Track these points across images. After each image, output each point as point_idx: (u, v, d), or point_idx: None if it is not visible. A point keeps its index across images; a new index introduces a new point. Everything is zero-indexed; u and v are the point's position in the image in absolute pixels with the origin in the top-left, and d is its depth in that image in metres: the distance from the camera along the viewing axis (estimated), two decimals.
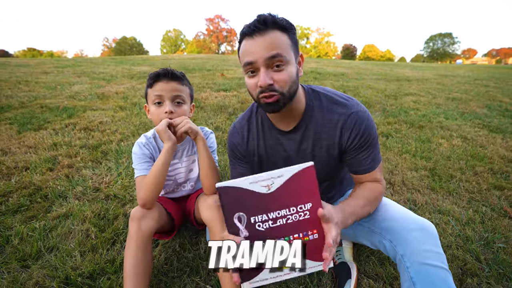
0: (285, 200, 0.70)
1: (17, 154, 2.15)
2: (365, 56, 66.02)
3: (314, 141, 0.95)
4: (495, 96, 5.24)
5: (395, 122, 3.27)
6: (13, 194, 1.63)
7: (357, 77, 7.09)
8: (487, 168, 2.10)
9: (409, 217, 0.88)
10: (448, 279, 0.76)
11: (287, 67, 0.81)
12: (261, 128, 1.02)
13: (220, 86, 4.93)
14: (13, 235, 1.30)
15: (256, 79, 0.82)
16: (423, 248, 0.79)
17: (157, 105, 1.07)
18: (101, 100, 3.89)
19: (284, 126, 0.97)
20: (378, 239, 0.91)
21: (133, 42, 66.86)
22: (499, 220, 1.50)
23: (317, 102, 0.95)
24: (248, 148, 1.05)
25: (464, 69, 13.04)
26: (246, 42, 0.82)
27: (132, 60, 10.73)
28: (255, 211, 0.70)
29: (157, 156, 1.16)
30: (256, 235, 0.70)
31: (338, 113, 0.91)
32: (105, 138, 2.50)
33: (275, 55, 0.78)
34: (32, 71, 6.41)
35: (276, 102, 0.82)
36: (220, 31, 69.32)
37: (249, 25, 0.81)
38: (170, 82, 1.06)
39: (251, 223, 0.70)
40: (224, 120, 3.12)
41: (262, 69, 0.80)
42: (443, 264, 0.78)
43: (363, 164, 0.93)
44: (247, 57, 0.81)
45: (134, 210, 1.02)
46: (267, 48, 0.78)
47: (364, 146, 0.91)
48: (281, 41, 0.80)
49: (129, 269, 0.93)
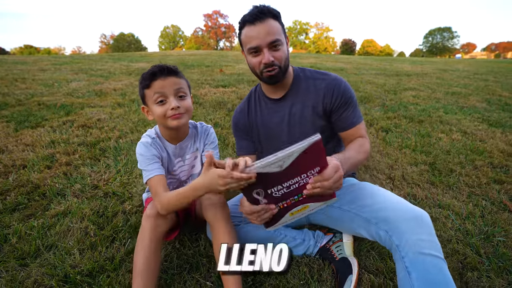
0: (297, 171, 0.80)
1: (15, 152, 2.13)
2: (364, 51, 65.68)
3: (301, 104, 1.16)
4: (494, 90, 5.23)
5: (394, 117, 3.25)
6: (10, 193, 1.62)
7: (356, 72, 7.06)
8: (486, 162, 2.10)
9: (404, 206, 0.90)
10: (443, 268, 0.76)
11: (282, 47, 1.06)
12: (258, 102, 1.26)
13: (219, 82, 4.89)
14: (11, 234, 1.29)
15: (259, 58, 1.06)
16: (417, 237, 0.79)
17: (160, 103, 1.03)
18: (99, 97, 3.86)
19: (277, 95, 1.20)
20: (375, 230, 0.92)
21: (131, 38, 66.30)
22: (499, 214, 1.50)
23: (302, 74, 1.20)
24: (250, 120, 1.26)
25: (464, 64, 13.00)
26: (248, 29, 1.04)
27: (130, 57, 10.65)
28: (271, 185, 0.81)
29: (164, 156, 1.14)
30: (273, 200, 0.85)
31: (320, 79, 1.15)
32: (103, 135, 2.48)
33: (274, 40, 1.03)
34: (29, 68, 6.35)
35: (276, 74, 1.07)
36: (218, 27, 68.75)
37: (251, 14, 1.02)
38: (167, 77, 1.02)
39: (268, 193, 0.83)
40: (223, 116, 3.10)
41: (265, 50, 1.04)
42: (438, 253, 0.78)
43: (349, 119, 1.13)
44: (252, 41, 1.04)
45: (150, 208, 1.01)
46: (268, 33, 1.02)
47: (346, 105, 1.12)
48: (276, 27, 1.04)
49: (140, 267, 0.93)
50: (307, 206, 0.90)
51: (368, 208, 0.97)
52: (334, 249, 1.18)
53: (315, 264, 1.16)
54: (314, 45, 68.67)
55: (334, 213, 1.10)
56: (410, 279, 0.78)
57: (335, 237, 1.23)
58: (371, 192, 1.03)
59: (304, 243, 1.21)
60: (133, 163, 1.99)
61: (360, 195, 1.04)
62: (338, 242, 1.21)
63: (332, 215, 1.11)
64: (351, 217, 1.02)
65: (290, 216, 0.92)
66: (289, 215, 0.91)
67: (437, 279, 0.75)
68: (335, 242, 1.21)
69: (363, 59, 13.68)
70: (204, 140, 1.23)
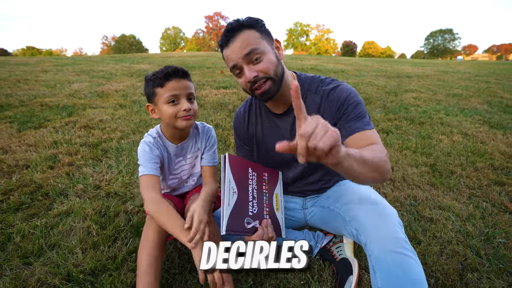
0: (245, 183, 0.97)
1: (18, 152, 2.15)
2: (365, 53, 65.74)
3: None
4: (496, 92, 5.23)
5: (395, 118, 3.26)
6: (14, 192, 1.63)
7: (357, 74, 7.07)
8: (487, 164, 2.10)
9: (370, 204, 0.88)
10: (405, 264, 0.73)
11: (264, 56, 0.91)
12: (259, 113, 1.14)
13: (220, 83, 4.92)
14: (14, 233, 1.30)
15: (244, 77, 0.93)
16: (381, 235, 0.78)
17: (172, 104, 1.05)
18: (101, 98, 3.88)
19: (279, 109, 1.07)
20: (349, 228, 0.92)
21: (132, 40, 66.61)
22: (499, 216, 1.50)
23: (307, 85, 1.04)
24: (248, 132, 1.17)
25: (465, 65, 12.99)
26: (225, 51, 0.94)
27: (132, 58, 10.70)
28: (246, 208, 0.94)
29: (165, 155, 1.16)
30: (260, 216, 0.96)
31: (322, 91, 1.00)
32: (105, 136, 2.50)
33: (249, 51, 0.89)
34: (31, 69, 6.39)
35: (268, 88, 0.93)
36: (219, 28, 68.98)
37: (222, 37, 0.93)
38: (181, 80, 1.04)
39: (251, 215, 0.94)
40: (224, 117, 3.11)
41: (245, 66, 0.91)
42: (401, 249, 0.75)
43: (354, 124, 0.92)
44: (229, 62, 0.93)
45: None
46: (241, 47, 0.89)
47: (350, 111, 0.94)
48: (250, 37, 0.90)
49: (144, 267, 0.94)
50: (276, 194, 1.06)
51: (345, 207, 0.97)
52: (335, 250, 1.19)
53: (315, 264, 1.17)
54: (315, 47, 68.79)
55: (325, 214, 1.10)
56: (375, 278, 0.77)
57: (336, 238, 1.24)
58: (352, 191, 1.02)
59: None
60: (135, 164, 2.00)
61: (342, 194, 1.04)
62: (338, 243, 1.21)
63: (323, 216, 1.12)
64: (335, 216, 1.02)
65: (279, 213, 1.03)
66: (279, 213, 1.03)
67: (397, 275, 0.73)
68: (336, 243, 1.21)
69: (364, 60, 13.69)
70: (205, 141, 1.24)
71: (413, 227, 1.39)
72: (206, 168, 1.21)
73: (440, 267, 1.14)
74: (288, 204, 1.22)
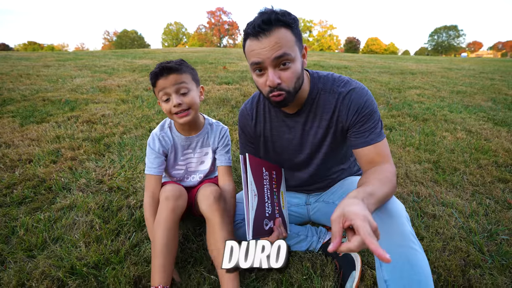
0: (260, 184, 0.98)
1: (20, 146, 2.16)
2: (368, 49, 65.22)
3: (317, 122, 1.01)
4: (500, 89, 5.17)
5: (398, 115, 3.24)
6: (17, 186, 1.64)
7: (361, 70, 7.02)
8: (491, 161, 2.09)
9: None
10: (412, 257, 0.73)
11: (293, 64, 0.83)
12: (268, 111, 1.09)
13: (223, 79, 4.90)
14: (18, 226, 1.31)
15: (264, 78, 0.85)
16: (388, 229, 0.77)
17: (165, 101, 1.09)
18: (103, 93, 3.88)
19: (290, 109, 1.02)
20: None
21: (134, 35, 66.40)
22: (502, 213, 1.49)
23: (321, 85, 0.99)
24: (256, 130, 1.12)
25: (469, 62, 12.86)
26: (251, 43, 0.83)
27: (134, 54, 10.67)
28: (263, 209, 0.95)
29: (170, 145, 1.19)
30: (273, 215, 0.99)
31: (337, 92, 0.96)
32: (107, 131, 2.50)
33: (281, 55, 0.80)
34: (33, 64, 6.39)
35: (284, 99, 0.87)
36: (221, 24, 68.58)
37: (253, 25, 0.80)
38: (168, 76, 1.05)
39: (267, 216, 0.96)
40: (227, 113, 3.10)
41: (270, 69, 0.82)
42: (409, 242, 0.75)
43: (366, 135, 0.92)
44: (254, 57, 0.83)
45: (170, 189, 1.06)
46: (273, 48, 0.79)
47: (364, 120, 0.93)
48: (286, 39, 0.81)
49: (159, 247, 0.97)
50: (282, 192, 1.09)
51: None
52: None
53: (318, 259, 1.17)
54: (318, 43, 68.30)
55: (329, 209, 1.11)
56: (381, 271, 0.77)
57: None
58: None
59: (307, 239, 1.21)
60: (137, 159, 2.00)
61: (348, 189, 1.05)
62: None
63: (328, 211, 1.12)
64: None
65: (284, 210, 1.06)
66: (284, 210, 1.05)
67: (404, 268, 0.73)
68: None
69: (367, 57, 13.59)
70: (218, 139, 1.26)
71: (415, 223, 1.38)
72: (223, 168, 1.24)
73: (442, 263, 1.14)
74: (291, 199, 1.21)
